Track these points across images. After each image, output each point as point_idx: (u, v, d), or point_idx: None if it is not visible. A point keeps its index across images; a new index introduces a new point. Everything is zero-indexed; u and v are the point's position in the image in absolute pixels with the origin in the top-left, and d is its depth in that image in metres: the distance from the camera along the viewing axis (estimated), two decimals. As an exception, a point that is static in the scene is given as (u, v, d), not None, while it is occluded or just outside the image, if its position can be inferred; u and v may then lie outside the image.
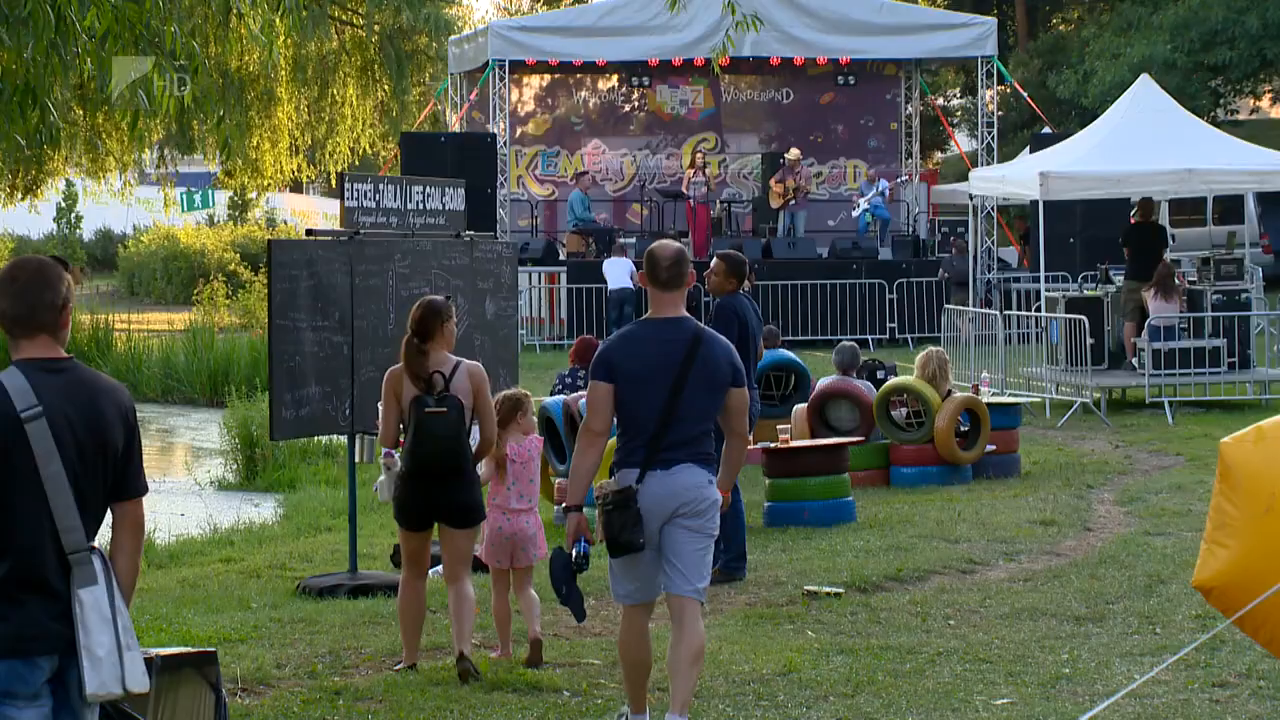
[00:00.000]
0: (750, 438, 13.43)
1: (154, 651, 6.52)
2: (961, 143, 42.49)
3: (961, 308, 25.52)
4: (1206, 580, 6.68)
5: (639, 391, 7.68)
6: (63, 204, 58.45)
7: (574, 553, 7.77)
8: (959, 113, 51.28)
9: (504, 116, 33.42)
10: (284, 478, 19.75)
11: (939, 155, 52.11)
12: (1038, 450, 18.04)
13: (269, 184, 40.31)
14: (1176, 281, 21.62)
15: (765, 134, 36.42)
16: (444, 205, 13.03)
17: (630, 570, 7.76)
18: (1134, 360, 21.61)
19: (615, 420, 7.84)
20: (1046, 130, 33.39)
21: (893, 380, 16.75)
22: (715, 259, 11.68)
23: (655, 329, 7.80)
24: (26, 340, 5.31)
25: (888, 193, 34.03)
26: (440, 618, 10.35)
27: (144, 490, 5.43)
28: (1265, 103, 47.19)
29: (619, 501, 7.57)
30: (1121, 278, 22.64)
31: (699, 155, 33.31)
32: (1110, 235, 25.96)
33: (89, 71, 10.26)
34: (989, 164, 32.33)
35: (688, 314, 7.92)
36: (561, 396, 14.58)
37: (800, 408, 16.21)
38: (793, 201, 32.12)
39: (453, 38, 36.57)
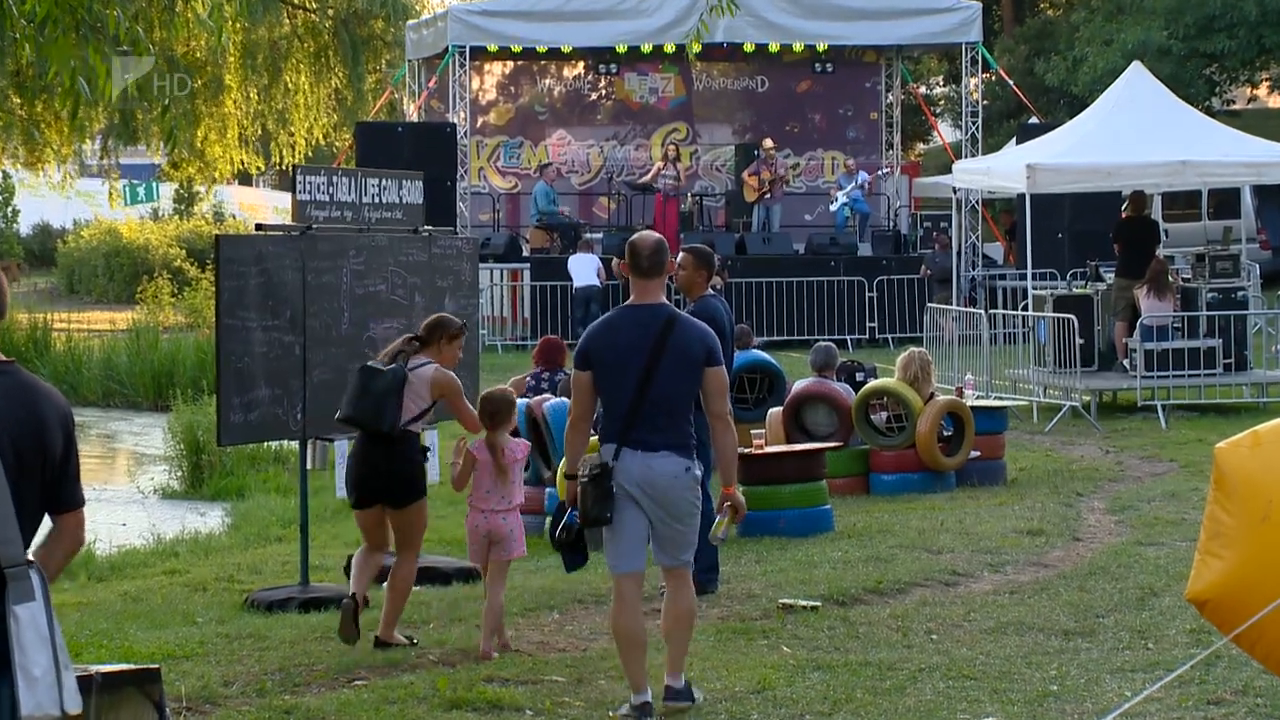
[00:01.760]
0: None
1: (94, 669, 6.42)
2: (945, 133, 42.62)
3: (945, 306, 25.42)
4: (1201, 592, 6.73)
5: (615, 373, 8.40)
6: (-2, 196, 58.27)
7: (565, 518, 8.62)
8: (942, 102, 52.17)
9: (464, 105, 33.57)
10: (232, 485, 20.02)
11: (921, 146, 52.86)
12: (1024, 456, 18.12)
13: (217, 176, 40.51)
14: (1170, 279, 21.58)
15: (739, 124, 36.49)
16: (401, 199, 13.18)
17: (611, 537, 8.49)
18: (1125, 361, 21.58)
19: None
20: (1034, 120, 33.66)
21: (872, 382, 16.79)
22: (682, 253, 11.61)
23: (632, 314, 8.50)
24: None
25: (867, 186, 34.11)
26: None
27: (82, 501, 5.38)
28: (1263, 92, 48.18)
29: (593, 476, 8.34)
30: (1112, 275, 22.60)
31: (669, 146, 33.34)
32: (1100, 230, 26.05)
33: (27, 58, 10.20)
34: (973, 155, 32.46)
35: (666, 300, 8.56)
36: (524, 400, 14.71)
37: (775, 411, 16.22)
38: (768, 195, 32.12)
39: (410, 22, 36.67)
